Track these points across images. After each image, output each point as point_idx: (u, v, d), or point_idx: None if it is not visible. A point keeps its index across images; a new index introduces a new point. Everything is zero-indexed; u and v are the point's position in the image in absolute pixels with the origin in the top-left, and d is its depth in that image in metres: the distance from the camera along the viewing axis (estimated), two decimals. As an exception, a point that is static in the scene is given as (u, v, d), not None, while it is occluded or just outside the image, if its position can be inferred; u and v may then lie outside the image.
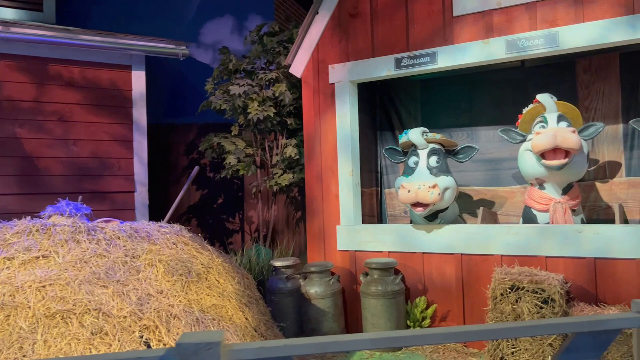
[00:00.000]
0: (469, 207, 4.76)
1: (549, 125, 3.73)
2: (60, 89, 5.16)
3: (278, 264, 4.26)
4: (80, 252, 2.84)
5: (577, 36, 3.61)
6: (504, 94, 4.72)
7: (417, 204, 3.85)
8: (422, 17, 4.19)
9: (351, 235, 4.39)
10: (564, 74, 4.48)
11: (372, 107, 5.18)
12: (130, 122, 5.44)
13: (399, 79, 4.58)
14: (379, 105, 5.27)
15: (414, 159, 4.12)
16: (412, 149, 4.17)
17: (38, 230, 2.93)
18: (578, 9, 3.64)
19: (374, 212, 5.13)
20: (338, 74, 4.50)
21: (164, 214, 4.78)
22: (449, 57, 4.04)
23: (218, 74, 5.75)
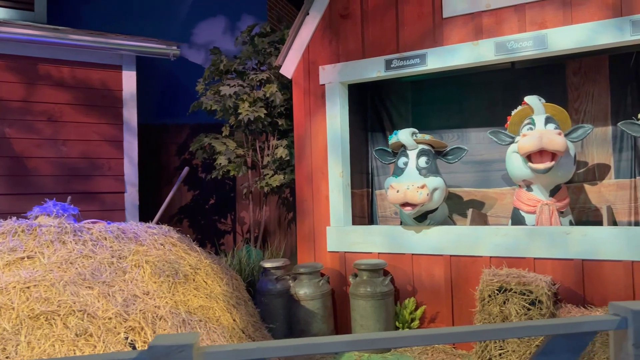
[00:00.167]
0: (458, 208, 4.77)
1: (536, 127, 3.73)
2: (50, 89, 5.13)
3: (268, 265, 4.24)
4: (66, 252, 2.82)
5: (566, 38, 3.63)
6: (494, 95, 4.73)
7: (406, 204, 3.86)
8: (412, 18, 4.19)
9: (341, 236, 4.39)
10: (554, 75, 4.50)
11: (362, 108, 5.18)
12: (121, 122, 5.41)
13: (389, 80, 4.58)
14: (370, 106, 5.27)
15: (403, 159, 4.12)
16: (402, 150, 4.18)
17: (24, 231, 2.91)
18: (566, 11, 3.66)
19: (365, 214, 5.13)
20: (328, 75, 4.50)
21: (154, 214, 4.75)
22: (439, 59, 4.05)
23: (209, 74, 5.73)
